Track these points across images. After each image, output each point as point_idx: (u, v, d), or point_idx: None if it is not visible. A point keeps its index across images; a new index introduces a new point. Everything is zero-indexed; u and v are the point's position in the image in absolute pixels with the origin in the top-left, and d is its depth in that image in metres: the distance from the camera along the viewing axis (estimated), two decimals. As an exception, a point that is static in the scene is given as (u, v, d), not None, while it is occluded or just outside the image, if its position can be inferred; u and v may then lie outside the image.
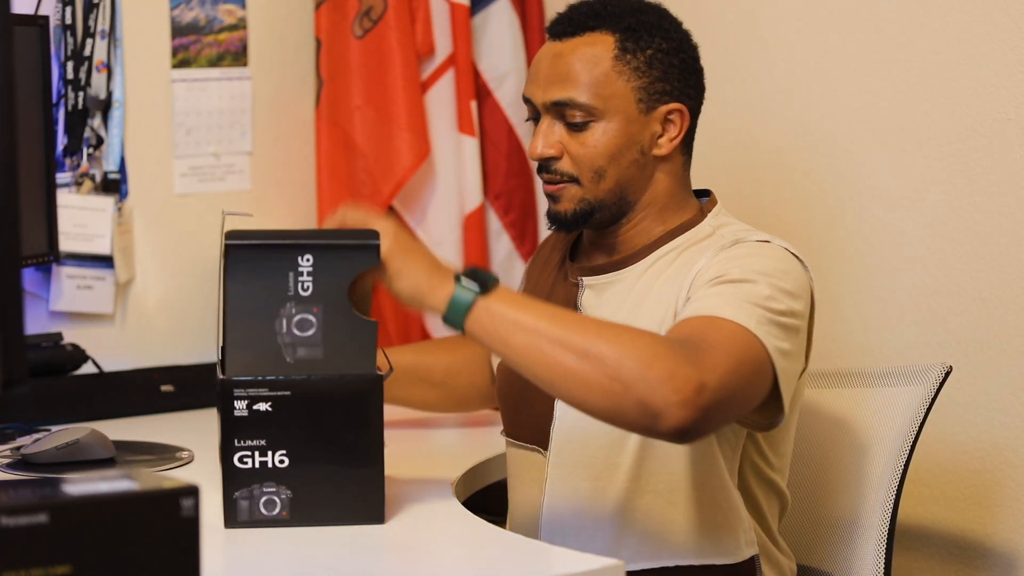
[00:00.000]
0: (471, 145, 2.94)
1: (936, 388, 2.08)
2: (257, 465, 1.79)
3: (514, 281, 2.82)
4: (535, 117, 1.99)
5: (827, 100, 2.56)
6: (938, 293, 2.41)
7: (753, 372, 1.76)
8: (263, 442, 1.78)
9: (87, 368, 2.61)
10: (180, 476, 1.65)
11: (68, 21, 2.62)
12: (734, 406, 1.76)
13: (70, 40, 2.62)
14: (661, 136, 1.96)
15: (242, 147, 2.85)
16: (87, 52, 2.64)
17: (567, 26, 1.96)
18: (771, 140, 2.62)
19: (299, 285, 1.73)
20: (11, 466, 2.14)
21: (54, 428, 2.30)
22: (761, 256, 1.89)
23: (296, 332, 1.77)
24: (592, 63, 1.93)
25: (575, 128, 1.94)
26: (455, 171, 2.93)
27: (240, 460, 1.78)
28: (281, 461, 1.79)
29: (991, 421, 2.35)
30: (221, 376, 1.79)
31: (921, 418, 2.08)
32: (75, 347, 2.58)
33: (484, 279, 1.73)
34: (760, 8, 2.65)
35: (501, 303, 1.72)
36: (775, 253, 1.90)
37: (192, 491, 1.30)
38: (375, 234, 1.74)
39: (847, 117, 2.53)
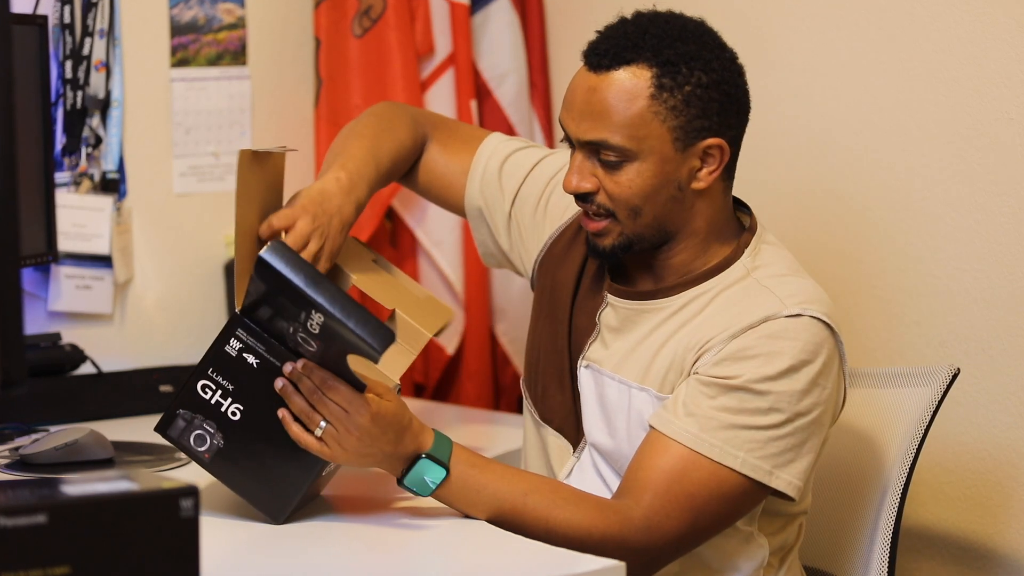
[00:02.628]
0: (471, 145, 2.93)
1: (943, 390, 2.07)
2: (213, 402, 1.81)
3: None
4: (571, 142, 1.93)
5: (827, 100, 2.55)
6: (939, 293, 2.41)
7: (721, 509, 1.85)
8: (231, 387, 1.81)
9: (86, 368, 2.60)
10: (179, 476, 1.64)
11: (67, 20, 2.61)
12: (697, 543, 1.88)
13: (69, 39, 2.62)
14: (700, 170, 1.90)
15: (242, 146, 2.84)
16: (86, 51, 2.64)
17: (603, 58, 1.88)
18: (770, 141, 2.62)
19: (308, 323, 1.73)
20: (10, 466, 2.13)
21: (53, 428, 2.29)
22: (780, 351, 1.85)
23: (300, 343, 1.77)
24: (627, 102, 1.85)
25: (609, 167, 1.88)
26: (455, 171, 2.93)
27: (203, 388, 1.81)
28: (234, 413, 1.81)
29: (994, 422, 2.35)
30: (238, 308, 1.82)
31: (928, 420, 2.07)
32: (74, 347, 2.58)
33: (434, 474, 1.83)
34: (759, 9, 2.64)
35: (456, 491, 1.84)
36: (800, 339, 1.86)
37: (191, 491, 1.29)
38: (389, 337, 1.68)
39: (847, 118, 2.52)
